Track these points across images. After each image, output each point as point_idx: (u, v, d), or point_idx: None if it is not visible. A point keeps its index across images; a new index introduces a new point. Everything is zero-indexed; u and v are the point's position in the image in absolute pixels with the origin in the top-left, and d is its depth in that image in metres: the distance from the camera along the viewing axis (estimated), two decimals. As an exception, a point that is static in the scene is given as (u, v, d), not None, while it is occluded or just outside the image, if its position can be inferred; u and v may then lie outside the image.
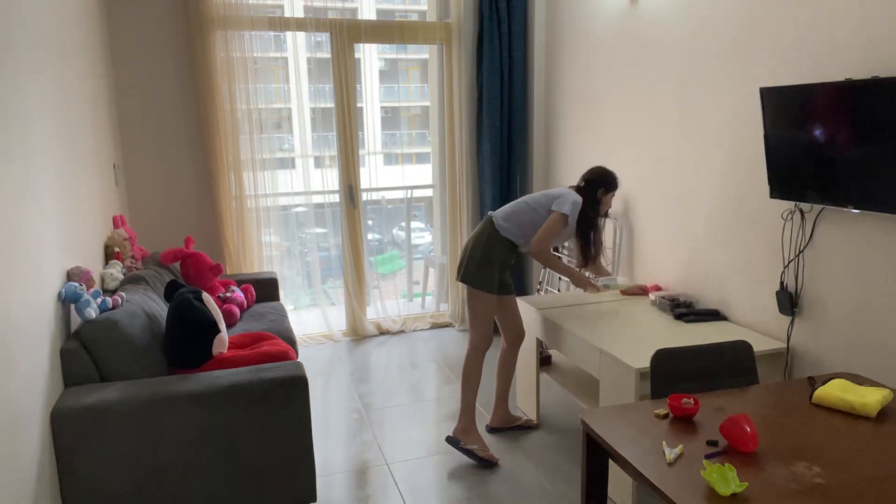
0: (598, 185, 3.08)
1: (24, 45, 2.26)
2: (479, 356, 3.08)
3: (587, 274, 3.29)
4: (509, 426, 3.31)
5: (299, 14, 4.39)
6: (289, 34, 4.42)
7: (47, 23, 2.61)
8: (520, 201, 3.09)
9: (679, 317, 3.04)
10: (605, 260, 3.31)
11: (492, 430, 3.30)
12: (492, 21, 4.53)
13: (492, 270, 3.01)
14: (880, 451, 1.68)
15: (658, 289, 3.42)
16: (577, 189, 3.09)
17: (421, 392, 3.85)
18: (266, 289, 4.14)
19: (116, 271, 3.10)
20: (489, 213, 3.13)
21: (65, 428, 2.20)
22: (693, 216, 3.26)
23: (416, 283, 5.78)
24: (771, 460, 1.64)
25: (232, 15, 4.13)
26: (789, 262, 2.71)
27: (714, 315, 3.03)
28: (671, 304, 3.14)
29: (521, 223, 3.01)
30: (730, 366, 2.28)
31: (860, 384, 2.05)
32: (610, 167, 3.93)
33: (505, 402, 3.30)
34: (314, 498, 2.55)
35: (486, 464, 2.98)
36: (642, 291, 3.43)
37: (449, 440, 3.06)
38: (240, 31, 4.17)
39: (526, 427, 3.32)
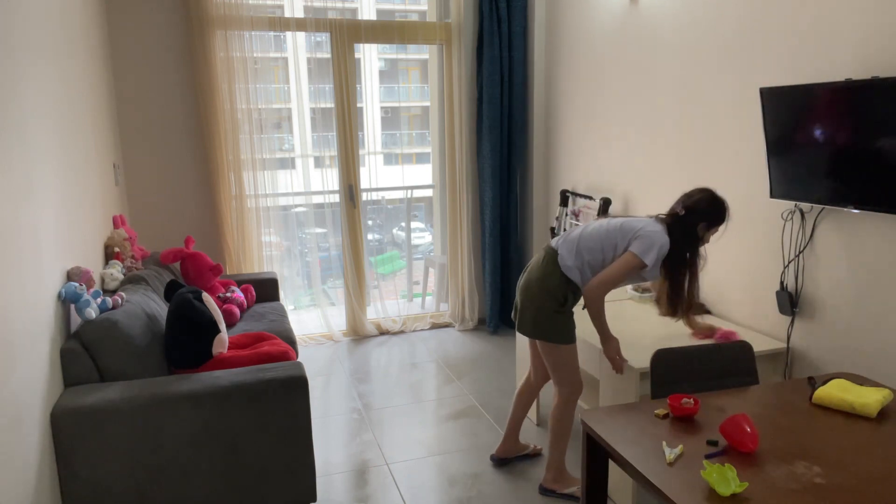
0: (702, 216, 2.41)
1: (23, 44, 2.26)
2: (573, 408, 2.68)
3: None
4: (516, 455, 3.03)
5: (299, 14, 4.38)
6: (289, 34, 4.42)
7: (47, 22, 2.61)
8: (590, 233, 2.54)
9: None
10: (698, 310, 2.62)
11: (499, 461, 3.00)
12: (492, 21, 4.53)
13: (567, 318, 2.57)
14: (880, 451, 1.68)
15: (729, 336, 2.70)
16: (674, 218, 2.46)
17: (421, 392, 3.85)
18: (266, 289, 4.14)
19: (116, 271, 3.10)
20: (551, 242, 2.63)
21: (65, 428, 2.20)
22: (693, 216, 3.26)
23: (416, 284, 5.77)
24: (771, 460, 1.64)
25: (232, 15, 4.13)
26: (789, 262, 2.71)
27: (699, 309, 3.09)
28: None
29: (586, 260, 2.51)
30: (730, 366, 2.28)
31: (860, 384, 2.05)
32: (612, 166, 3.94)
33: (517, 432, 3.00)
34: (314, 498, 2.55)
35: None
36: (711, 334, 2.75)
37: (543, 492, 2.77)
38: (240, 31, 4.17)
39: (533, 455, 3.06)
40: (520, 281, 2.70)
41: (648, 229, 2.42)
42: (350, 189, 4.68)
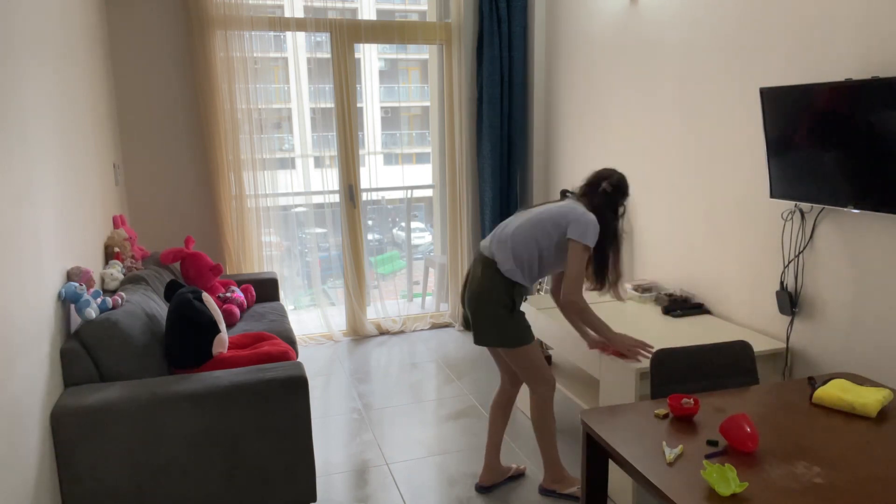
0: (621, 193, 2.55)
1: (23, 44, 2.26)
2: (551, 404, 2.64)
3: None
4: (502, 480, 2.84)
5: (299, 14, 4.38)
6: (289, 34, 4.42)
7: (47, 22, 2.61)
8: (518, 230, 2.53)
9: (667, 312, 3.13)
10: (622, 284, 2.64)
11: (483, 489, 2.79)
12: (492, 21, 4.53)
13: (519, 319, 2.55)
14: (880, 451, 1.68)
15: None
16: (601, 197, 2.52)
17: (421, 392, 3.85)
18: (266, 289, 4.14)
19: (116, 271, 3.10)
20: (482, 249, 2.59)
21: (65, 428, 2.20)
22: (693, 216, 3.26)
23: (416, 283, 5.77)
24: (771, 460, 1.64)
25: (232, 15, 4.13)
26: (789, 262, 2.71)
27: (698, 307, 3.14)
28: (669, 299, 3.22)
29: (524, 258, 2.51)
30: (730, 366, 2.28)
31: (860, 384, 2.05)
32: (610, 166, 3.93)
33: (498, 455, 2.81)
34: (314, 498, 2.55)
35: None
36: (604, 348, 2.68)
37: (544, 492, 2.73)
38: (240, 31, 4.17)
39: (518, 476, 2.89)
40: (464, 294, 2.65)
41: (578, 212, 2.47)
42: (350, 189, 4.68)
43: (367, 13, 8.20)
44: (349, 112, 4.53)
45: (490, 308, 2.53)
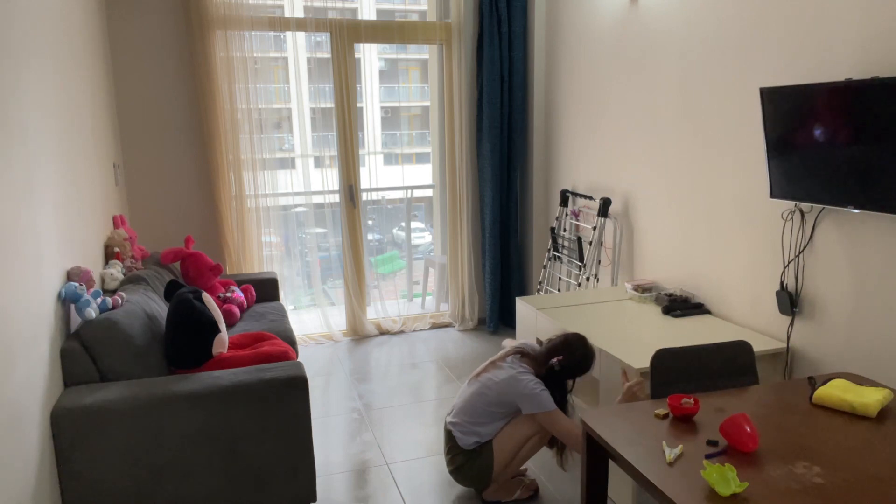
0: (573, 370, 2.59)
1: (23, 44, 2.26)
2: (538, 448, 2.65)
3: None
4: (510, 499, 2.75)
5: (299, 14, 4.39)
6: (289, 34, 4.42)
7: (47, 23, 2.61)
8: (473, 410, 2.59)
9: (667, 312, 3.12)
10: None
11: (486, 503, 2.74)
12: (492, 21, 4.53)
13: (481, 451, 2.60)
14: (880, 451, 1.68)
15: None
16: (547, 364, 2.57)
17: (421, 392, 3.85)
18: (266, 289, 4.14)
19: (116, 271, 3.10)
20: (460, 444, 2.62)
21: (65, 428, 2.20)
22: (693, 216, 3.26)
23: (416, 283, 5.77)
24: (771, 460, 1.64)
25: (232, 15, 4.13)
26: (789, 262, 2.71)
27: (698, 307, 3.14)
28: (669, 299, 3.21)
29: (484, 433, 2.59)
30: (730, 366, 2.28)
31: (860, 384, 2.05)
32: (612, 166, 3.94)
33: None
34: (314, 498, 2.55)
35: None
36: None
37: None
38: (240, 31, 4.17)
39: (528, 496, 2.78)
40: (448, 466, 2.70)
41: (530, 389, 2.50)
42: (350, 189, 4.68)
43: (367, 13, 8.21)
44: (349, 112, 4.54)
45: (465, 470, 2.63)
